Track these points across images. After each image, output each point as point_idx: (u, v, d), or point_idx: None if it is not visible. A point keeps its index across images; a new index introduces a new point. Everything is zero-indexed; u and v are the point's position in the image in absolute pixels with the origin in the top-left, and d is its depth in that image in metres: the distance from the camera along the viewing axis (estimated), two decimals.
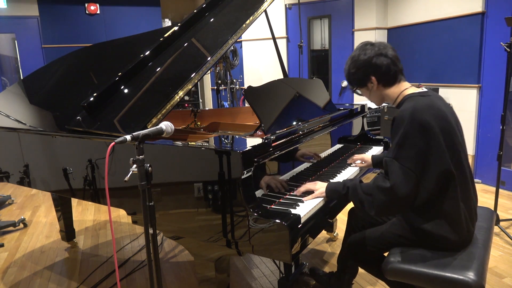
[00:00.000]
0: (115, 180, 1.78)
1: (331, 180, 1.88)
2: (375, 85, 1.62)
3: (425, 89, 1.61)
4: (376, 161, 2.06)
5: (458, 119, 1.59)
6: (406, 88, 1.61)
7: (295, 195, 1.69)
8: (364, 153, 2.43)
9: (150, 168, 1.26)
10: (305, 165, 1.96)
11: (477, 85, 4.02)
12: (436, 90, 4.47)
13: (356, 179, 1.62)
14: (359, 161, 2.12)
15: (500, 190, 3.40)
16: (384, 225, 1.72)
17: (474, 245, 1.57)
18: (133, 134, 1.26)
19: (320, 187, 1.67)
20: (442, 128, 1.45)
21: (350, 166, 2.13)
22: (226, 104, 5.57)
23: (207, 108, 4.63)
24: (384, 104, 4.75)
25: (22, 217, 3.52)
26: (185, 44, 2.16)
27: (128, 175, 1.25)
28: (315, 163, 2.03)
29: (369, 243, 1.72)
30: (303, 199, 1.63)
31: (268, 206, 1.53)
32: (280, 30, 5.72)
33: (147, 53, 2.12)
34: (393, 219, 1.71)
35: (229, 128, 2.41)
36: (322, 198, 1.64)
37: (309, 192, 1.68)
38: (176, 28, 2.24)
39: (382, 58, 1.58)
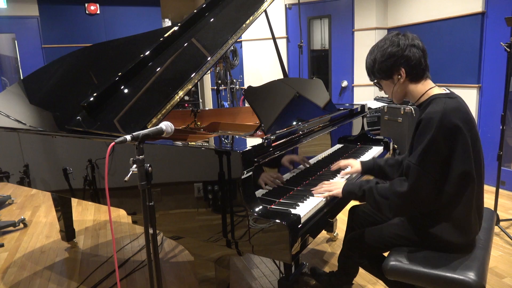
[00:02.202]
0: (115, 180, 1.78)
1: (332, 180, 1.88)
2: (402, 78, 1.53)
3: (449, 91, 1.55)
4: (367, 169, 1.95)
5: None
6: (432, 87, 1.55)
7: (302, 189, 1.71)
8: (364, 153, 2.43)
9: (150, 168, 1.26)
10: (306, 164, 1.95)
11: (477, 85, 4.02)
12: None
13: (372, 181, 1.60)
14: (348, 168, 1.99)
15: (500, 190, 3.39)
16: (385, 224, 1.71)
17: (475, 245, 1.57)
18: (133, 134, 1.26)
19: (336, 187, 1.68)
20: (470, 132, 1.42)
21: (337, 175, 1.98)
22: (226, 104, 5.56)
23: (207, 108, 4.63)
24: (384, 104, 4.75)
25: (22, 217, 3.52)
26: (185, 44, 2.16)
27: (128, 175, 1.25)
28: (315, 163, 2.03)
29: (369, 242, 1.71)
30: (319, 196, 1.65)
31: (268, 206, 1.53)
32: (280, 30, 5.72)
33: (147, 53, 2.12)
34: (394, 220, 1.71)
35: (229, 128, 2.41)
36: (322, 198, 1.64)
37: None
38: (176, 28, 2.23)
39: (415, 50, 1.50)
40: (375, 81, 1.63)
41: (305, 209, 1.52)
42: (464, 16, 4.07)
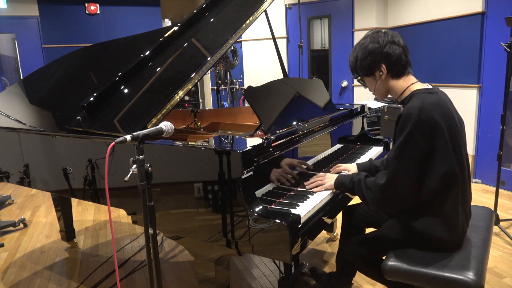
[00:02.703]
0: (115, 180, 1.78)
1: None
2: (384, 74, 1.57)
3: (430, 86, 1.58)
4: (363, 169, 1.95)
5: (461, 117, 1.57)
6: (413, 83, 1.57)
7: (302, 189, 1.72)
8: (364, 153, 2.43)
9: (150, 168, 1.26)
10: (304, 166, 1.95)
11: (477, 85, 4.02)
12: None
13: (362, 174, 1.63)
14: (345, 172, 1.97)
15: (500, 190, 3.40)
16: (380, 229, 1.72)
17: (473, 245, 1.57)
18: (133, 134, 1.26)
19: (329, 180, 1.71)
20: (449, 128, 1.43)
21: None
22: (226, 104, 5.56)
23: (207, 108, 4.64)
24: (384, 104, 4.75)
25: (22, 217, 3.52)
26: (185, 44, 2.16)
27: (128, 175, 1.25)
28: (315, 164, 2.03)
29: (365, 249, 1.73)
30: (312, 190, 1.68)
31: (268, 206, 1.53)
32: (280, 30, 5.72)
33: (147, 53, 2.12)
34: (387, 223, 1.71)
35: (229, 128, 2.41)
36: (322, 198, 1.64)
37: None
38: (176, 28, 2.24)
39: (395, 47, 1.53)
40: (359, 78, 1.68)
41: (305, 209, 1.52)
42: (464, 16, 4.07)
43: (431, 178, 1.44)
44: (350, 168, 1.98)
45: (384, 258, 1.61)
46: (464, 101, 4.17)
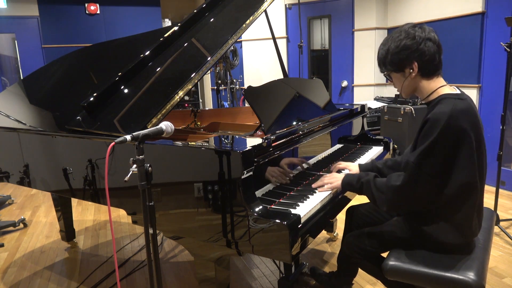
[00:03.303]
0: (115, 180, 1.78)
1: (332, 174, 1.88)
2: (414, 72, 1.49)
3: (459, 91, 1.51)
4: (365, 171, 1.91)
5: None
6: (442, 85, 1.51)
7: (302, 189, 1.72)
8: (364, 153, 2.43)
9: (150, 168, 1.26)
10: (305, 165, 1.95)
11: (477, 85, 4.02)
12: None
13: (371, 174, 1.61)
14: (346, 171, 1.97)
15: (500, 190, 3.40)
16: (383, 225, 1.71)
17: (474, 245, 1.57)
18: (133, 134, 1.26)
19: (336, 180, 1.70)
20: (476, 137, 1.39)
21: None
22: (226, 104, 5.57)
23: (207, 108, 4.63)
24: (383, 104, 4.75)
25: (22, 217, 3.52)
26: (185, 44, 2.16)
27: (128, 175, 1.25)
28: (315, 164, 2.03)
29: (367, 243, 1.71)
30: (317, 190, 1.68)
31: (268, 206, 1.53)
32: (280, 30, 5.72)
33: (147, 53, 2.12)
34: (391, 220, 1.71)
35: (229, 128, 2.41)
36: (322, 198, 1.64)
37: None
38: (176, 28, 2.23)
39: (430, 44, 1.45)
40: (386, 72, 1.58)
41: (305, 209, 1.52)
42: (464, 16, 4.07)
43: (450, 186, 1.41)
44: (351, 167, 1.98)
45: (385, 256, 1.61)
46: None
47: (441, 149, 1.37)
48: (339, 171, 2.01)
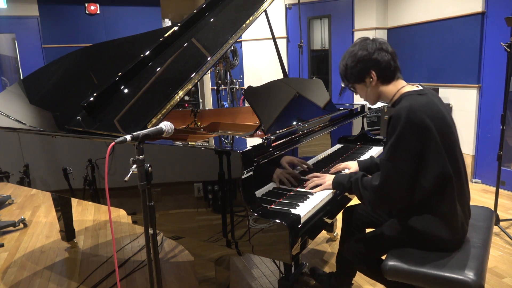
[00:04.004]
0: (115, 180, 1.78)
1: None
2: (374, 81, 1.59)
3: (421, 87, 1.59)
4: (364, 166, 1.96)
5: (452, 117, 1.57)
6: (403, 86, 1.59)
7: (302, 189, 1.72)
8: (364, 153, 2.43)
9: (150, 168, 1.26)
10: (304, 165, 1.95)
11: (477, 85, 4.02)
12: (436, 90, 4.47)
13: (359, 173, 1.64)
14: (346, 170, 2.00)
15: (500, 190, 3.39)
16: (381, 228, 1.72)
17: (473, 245, 1.57)
18: (133, 134, 1.26)
19: (327, 180, 1.72)
20: (439, 129, 1.44)
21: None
22: (226, 104, 5.57)
23: (207, 108, 4.63)
24: (384, 104, 4.75)
25: (22, 217, 3.52)
26: (185, 44, 2.16)
27: (128, 175, 1.25)
28: (315, 164, 2.03)
29: (366, 248, 1.73)
30: (311, 191, 1.69)
31: (268, 206, 1.53)
32: (280, 30, 5.72)
33: (147, 53, 2.12)
34: (388, 222, 1.71)
35: (229, 128, 2.41)
36: (322, 198, 1.64)
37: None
38: (176, 28, 2.24)
39: (383, 53, 1.56)
40: (349, 85, 1.69)
41: (305, 209, 1.52)
42: (464, 16, 4.07)
43: (425, 178, 1.44)
44: (351, 166, 1.99)
45: (384, 257, 1.61)
46: (464, 101, 4.17)
47: (407, 141, 1.41)
48: (338, 172, 2.02)
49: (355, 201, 1.80)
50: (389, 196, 1.48)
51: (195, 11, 2.32)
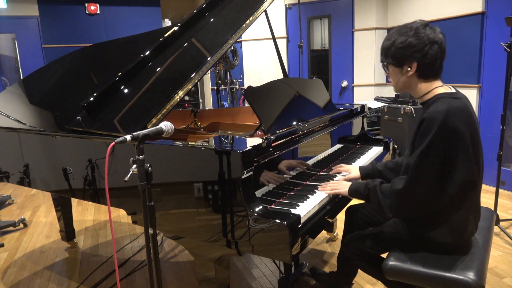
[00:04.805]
0: (115, 180, 1.78)
1: (333, 180, 1.88)
2: (411, 71, 1.47)
3: (454, 90, 1.50)
4: (365, 174, 1.92)
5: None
6: (438, 86, 1.49)
7: (302, 189, 1.73)
8: (364, 153, 2.43)
9: (150, 168, 1.26)
10: (304, 166, 1.95)
11: (477, 85, 4.02)
12: None
13: (377, 181, 1.59)
14: (346, 174, 1.97)
15: (500, 190, 3.40)
16: (382, 226, 1.71)
17: (474, 245, 1.57)
18: (133, 134, 1.26)
19: (343, 187, 1.70)
20: (472, 136, 1.39)
21: (337, 175, 1.98)
22: (226, 104, 5.57)
23: (207, 108, 4.63)
24: (384, 104, 4.75)
25: (22, 217, 3.52)
26: (185, 44, 2.16)
27: (128, 175, 1.25)
28: (315, 164, 2.03)
29: (367, 245, 1.72)
30: (324, 191, 1.69)
31: (268, 206, 1.53)
32: (280, 30, 5.72)
33: (147, 53, 2.12)
34: (390, 221, 1.71)
35: (229, 128, 2.41)
36: (322, 198, 1.64)
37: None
38: (176, 28, 2.24)
39: (435, 47, 1.43)
40: (385, 63, 1.56)
41: (305, 209, 1.52)
42: (464, 16, 4.07)
43: (451, 185, 1.40)
44: (352, 170, 1.98)
45: (384, 256, 1.61)
46: (469, 101, 4.16)
47: (439, 148, 1.36)
48: (338, 173, 2.01)
49: (355, 201, 1.80)
50: (413, 200, 1.44)
51: (195, 11, 2.32)
